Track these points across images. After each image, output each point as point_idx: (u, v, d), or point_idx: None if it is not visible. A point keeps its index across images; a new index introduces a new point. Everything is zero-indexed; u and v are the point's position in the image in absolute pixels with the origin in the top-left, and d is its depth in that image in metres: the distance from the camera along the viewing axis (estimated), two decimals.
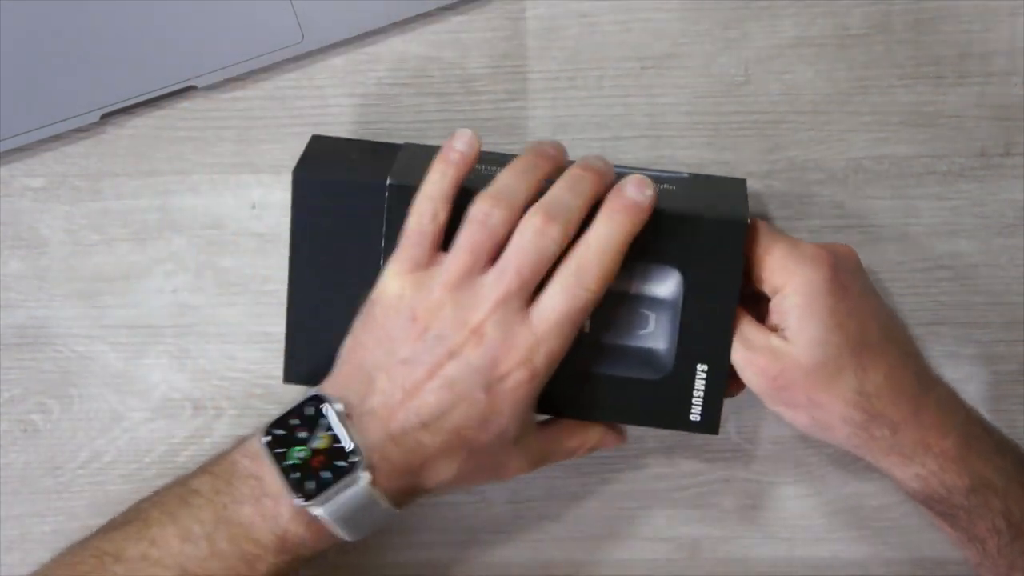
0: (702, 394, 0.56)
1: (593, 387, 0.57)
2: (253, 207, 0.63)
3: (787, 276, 0.54)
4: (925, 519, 0.65)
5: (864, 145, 0.62)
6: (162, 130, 0.62)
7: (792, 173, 0.62)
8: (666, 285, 0.56)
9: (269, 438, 0.53)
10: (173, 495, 0.54)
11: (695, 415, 0.56)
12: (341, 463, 0.52)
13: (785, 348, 0.54)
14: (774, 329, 0.54)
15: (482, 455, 0.54)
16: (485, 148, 0.61)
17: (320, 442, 0.53)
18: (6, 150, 0.61)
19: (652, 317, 0.57)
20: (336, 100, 0.62)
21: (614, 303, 0.56)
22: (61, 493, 0.65)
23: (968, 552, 0.57)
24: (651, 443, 0.65)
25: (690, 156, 0.62)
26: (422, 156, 0.55)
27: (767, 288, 0.55)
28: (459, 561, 0.66)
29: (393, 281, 0.53)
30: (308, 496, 0.52)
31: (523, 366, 0.52)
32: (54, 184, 0.63)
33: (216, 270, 0.63)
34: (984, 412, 0.64)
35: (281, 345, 0.64)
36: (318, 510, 0.52)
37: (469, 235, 0.53)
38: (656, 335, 0.57)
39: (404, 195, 0.54)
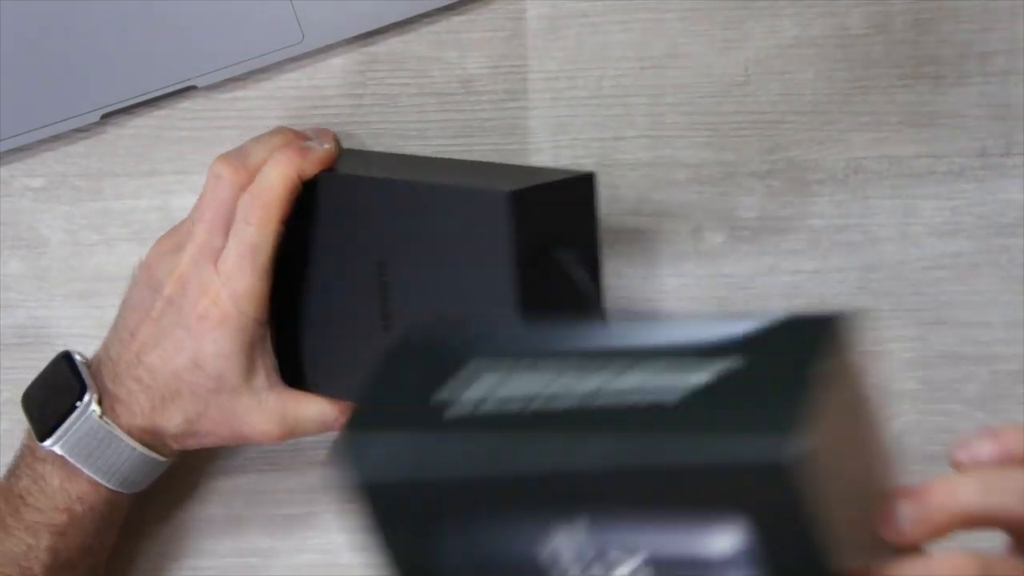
0: None
1: None
2: None
3: None
4: None
5: (864, 145, 0.62)
6: (162, 130, 0.62)
7: (792, 173, 0.62)
8: (731, 539, 0.36)
9: (26, 399, 0.59)
10: None
11: None
12: (78, 404, 0.57)
13: None
14: None
15: (209, 402, 0.57)
16: (485, 148, 0.61)
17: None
18: (6, 150, 0.61)
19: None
20: (336, 100, 0.62)
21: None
22: None
23: None
24: None
25: (690, 156, 0.62)
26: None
27: None
28: None
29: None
30: (47, 436, 0.57)
31: (213, 304, 0.56)
32: (54, 184, 0.63)
33: None
34: (984, 412, 0.64)
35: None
36: (57, 448, 0.57)
37: (203, 190, 0.58)
38: None
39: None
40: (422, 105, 0.62)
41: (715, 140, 0.62)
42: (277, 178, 0.56)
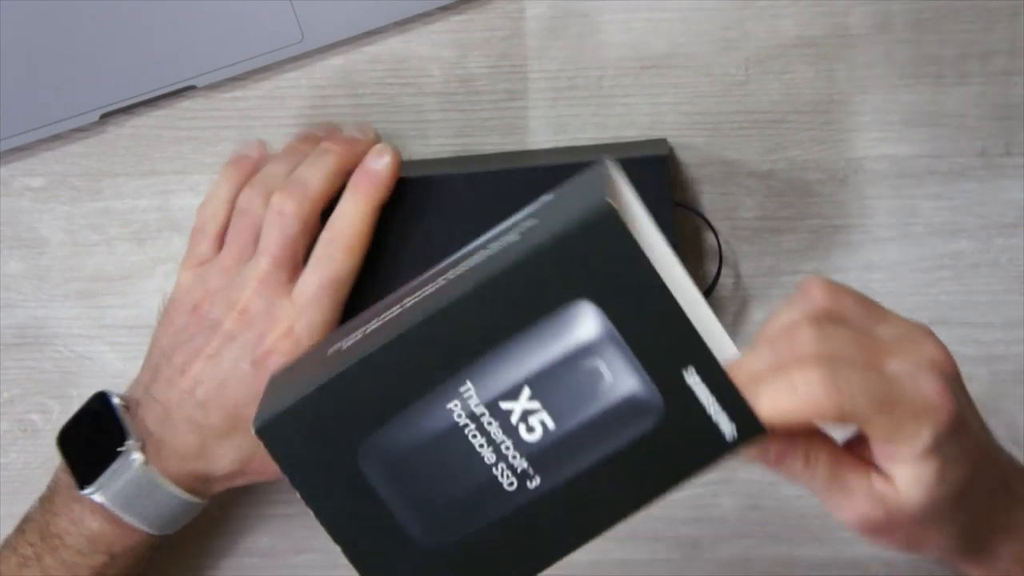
0: (715, 399, 0.43)
1: (590, 490, 0.44)
2: None
3: (907, 436, 0.45)
4: None
5: (864, 145, 0.62)
6: (162, 130, 0.62)
7: (792, 173, 0.62)
8: (585, 324, 0.43)
9: (63, 440, 0.57)
10: (15, 527, 0.59)
11: (727, 427, 0.44)
12: (120, 449, 0.55)
13: (892, 495, 0.46)
14: (872, 465, 0.46)
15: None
16: (485, 148, 0.61)
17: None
18: (6, 150, 0.61)
19: (601, 363, 0.43)
20: (336, 100, 0.62)
21: (550, 381, 0.43)
22: None
23: None
24: None
25: (690, 156, 0.62)
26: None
27: (873, 438, 0.46)
28: None
29: (181, 277, 0.58)
30: (87, 483, 0.55)
31: (286, 337, 0.55)
32: (54, 184, 0.63)
33: None
34: (984, 412, 0.64)
35: None
36: (97, 496, 0.55)
37: (234, 225, 0.57)
38: (619, 379, 0.43)
39: None
40: (422, 105, 0.62)
41: (715, 140, 0.62)
42: (357, 216, 0.56)
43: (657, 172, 0.58)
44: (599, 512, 0.45)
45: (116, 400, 0.57)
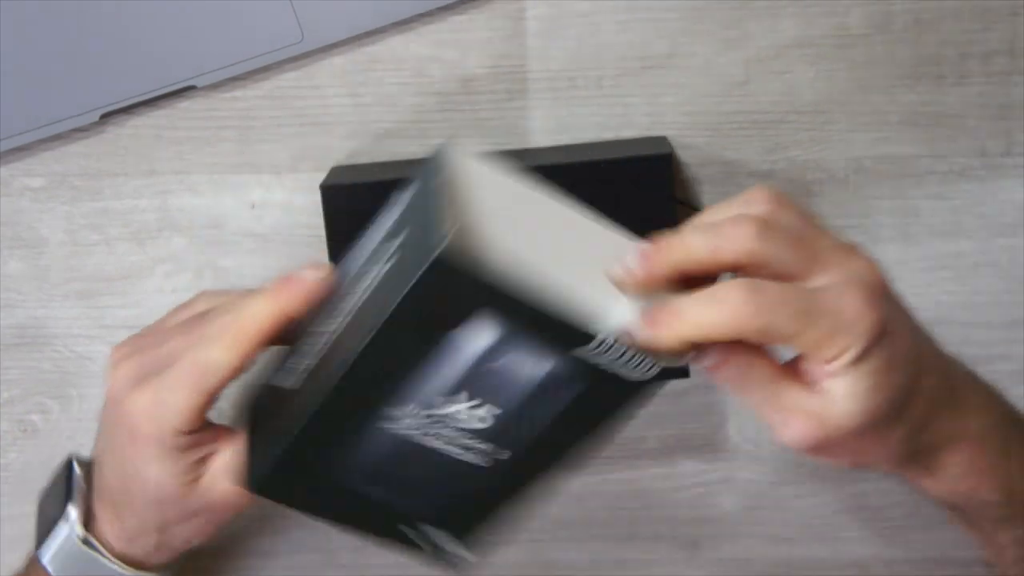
0: (621, 356, 0.46)
1: (555, 442, 0.49)
2: (253, 207, 0.63)
3: (833, 349, 0.46)
4: (926, 519, 0.65)
5: (864, 145, 0.62)
6: (162, 130, 0.62)
7: (792, 173, 0.62)
8: (482, 331, 0.45)
9: (39, 501, 0.57)
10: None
11: (645, 373, 0.47)
12: (63, 519, 0.56)
13: (827, 411, 0.47)
14: (808, 382, 0.47)
15: (166, 510, 0.54)
16: (485, 147, 0.61)
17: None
18: (6, 150, 0.61)
19: (513, 356, 0.46)
20: (336, 100, 0.62)
21: (477, 380, 0.46)
22: None
23: (985, 551, 0.56)
24: (651, 443, 0.65)
25: (690, 156, 0.62)
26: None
27: (804, 354, 0.47)
28: None
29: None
30: (39, 545, 0.56)
31: (143, 416, 0.52)
32: (54, 184, 0.63)
33: (216, 270, 0.63)
34: None
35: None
36: (46, 562, 0.56)
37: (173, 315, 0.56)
38: (535, 362, 0.46)
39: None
40: (422, 105, 0.62)
41: (715, 140, 0.62)
42: (262, 307, 0.51)
43: (661, 170, 0.58)
44: (569, 454, 0.49)
45: (76, 467, 0.56)
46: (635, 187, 0.57)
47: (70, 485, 0.56)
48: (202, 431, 0.53)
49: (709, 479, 0.65)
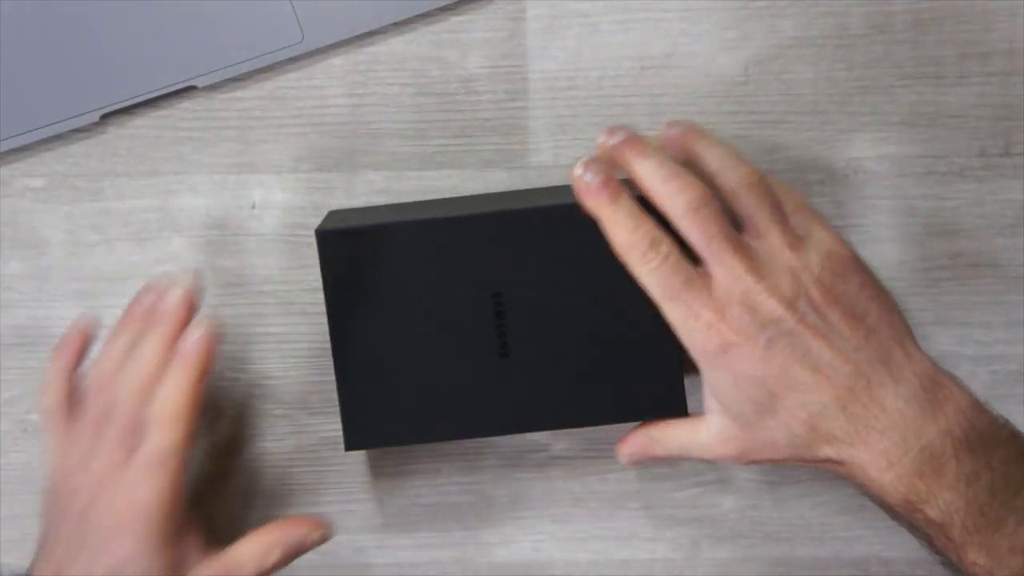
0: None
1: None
2: (253, 207, 0.63)
3: (688, 349, 0.54)
4: None
5: (864, 145, 0.62)
6: (162, 130, 0.62)
7: (792, 173, 0.62)
8: None
9: None
10: None
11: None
12: None
13: (718, 429, 0.55)
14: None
15: None
16: (485, 148, 0.61)
17: None
18: (6, 150, 0.61)
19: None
20: (336, 100, 0.62)
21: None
22: None
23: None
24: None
25: None
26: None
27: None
28: (459, 561, 0.66)
29: (48, 459, 0.58)
30: None
31: (125, 511, 0.54)
32: (54, 184, 0.63)
33: (216, 270, 0.63)
34: None
35: (281, 345, 0.64)
36: None
37: (91, 404, 0.57)
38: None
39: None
40: (422, 105, 0.62)
41: None
42: (178, 390, 0.56)
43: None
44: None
45: None
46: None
47: None
48: (183, 520, 0.56)
49: (709, 479, 0.65)
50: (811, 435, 0.53)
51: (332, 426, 0.64)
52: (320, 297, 0.64)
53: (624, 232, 0.54)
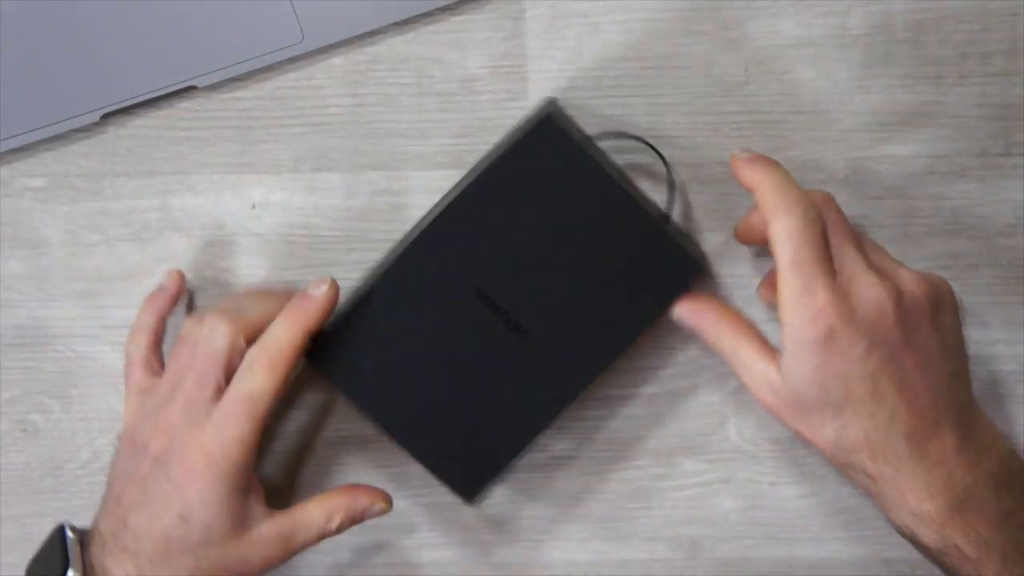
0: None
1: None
2: (253, 207, 0.63)
3: (786, 319, 0.53)
4: None
5: (864, 145, 0.62)
6: (162, 130, 0.62)
7: (792, 173, 0.62)
8: None
9: (29, 569, 0.57)
10: None
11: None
12: None
13: (776, 384, 0.54)
14: (774, 350, 0.55)
15: (200, 557, 0.55)
16: (485, 148, 0.61)
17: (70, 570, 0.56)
18: (6, 150, 0.61)
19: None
20: (336, 100, 0.62)
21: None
22: (61, 493, 0.65)
23: None
24: (651, 443, 0.65)
25: (690, 156, 0.62)
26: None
27: (779, 315, 0.54)
28: (459, 561, 0.66)
29: (125, 409, 0.59)
30: None
31: (201, 453, 0.55)
32: (54, 184, 0.63)
33: (216, 270, 0.63)
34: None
35: None
36: None
37: (174, 352, 0.58)
38: None
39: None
40: (422, 105, 0.62)
41: (715, 140, 0.62)
42: (286, 333, 0.56)
43: (554, 127, 0.57)
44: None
45: (69, 532, 0.57)
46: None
47: (65, 551, 0.56)
48: (252, 474, 0.56)
49: (709, 479, 0.65)
50: (862, 444, 0.53)
51: (332, 426, 0.64)
52: None
53: (780, 191, 0.54)
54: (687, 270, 0.58)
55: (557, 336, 0.58)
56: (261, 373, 0.55)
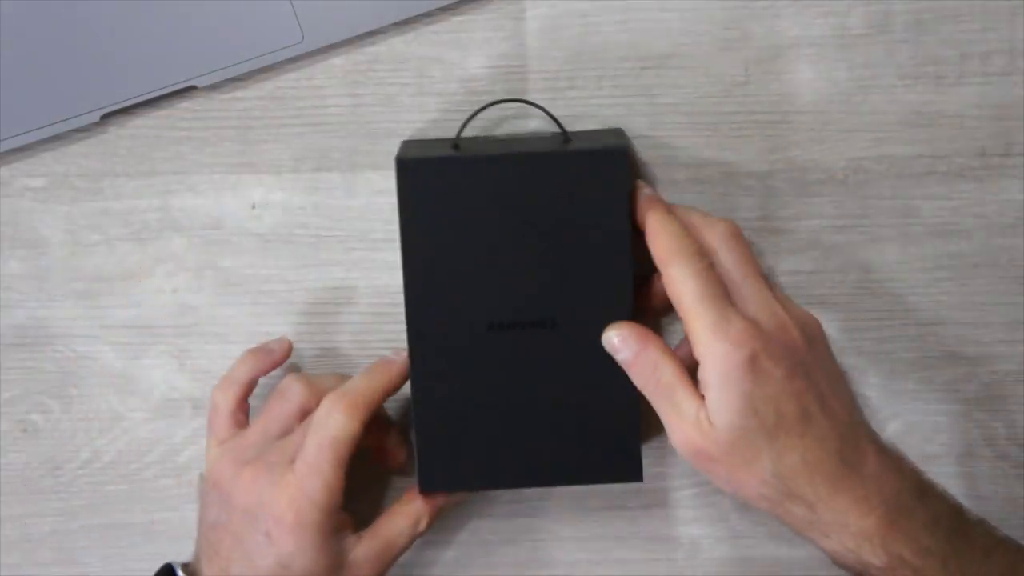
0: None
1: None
2: (253, 207, 0.63)
3: (706, 352, 0.53)
4: None
5: (864, 145, 0.62)
6: (162, 130, 0.62)
7: (792, 173, 0.62)
8: None
9: None
10: None
11: None
12: None
13: (705, 425, 0.54)
14: (703, 395, 0.54)
15: None
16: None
17: None
18: (6, 150, 0.61)
19: None
20: (336, 100, 0.62)
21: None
22: (61, 493, 0.65)
23: None
24: (651, 443, 0.64)
25: (690, 156, 0.62)
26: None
27: (695, 353, 0.54)
28: (459, 561, 0.66)
29: (208, 455, 0.60)
30: None
31: (290, 505, 0.56)
32: (54, 184, 0.63)
33: (216, 270, 0.63)
34: (984, 412, 0.64)
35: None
36: None
37: (269, 404, 0.60)
38: None
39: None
40: (422, 105, 0.62)
41: (715, 140, 0.62)
42: (364, 382, 0.58)
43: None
44: None
45: (179, 571, 0.58)
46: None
47: None
48: (340, 514, 0.57)
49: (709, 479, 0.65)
50: (801, 468, 0.53)
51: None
52: (319, 296, 0.64)
53: (673, 238, 0.55)
54: (613, 161, 0.57)
55: (578, 298, 0.57)
56: (340, 416, 0.57)
